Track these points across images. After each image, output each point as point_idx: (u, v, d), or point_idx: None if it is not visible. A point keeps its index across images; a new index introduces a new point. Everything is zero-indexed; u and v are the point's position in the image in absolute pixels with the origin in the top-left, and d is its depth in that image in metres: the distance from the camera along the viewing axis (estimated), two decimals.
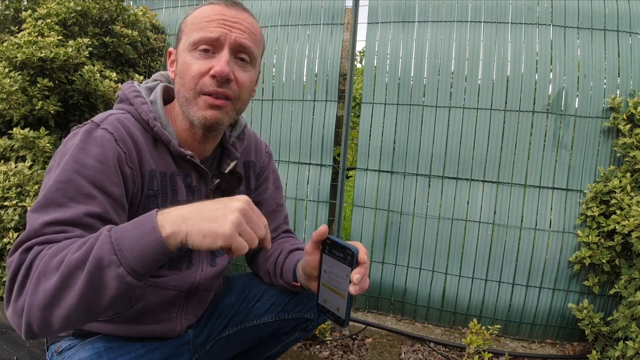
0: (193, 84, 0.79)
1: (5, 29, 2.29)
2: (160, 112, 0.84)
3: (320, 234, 0.77)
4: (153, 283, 0.85)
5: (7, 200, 1.71)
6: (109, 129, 0.76)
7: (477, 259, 1.92)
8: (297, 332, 1.11)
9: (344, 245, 0.73)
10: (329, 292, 0.78)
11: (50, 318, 0.59)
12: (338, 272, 0.75)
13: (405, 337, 1.89)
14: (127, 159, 0.76)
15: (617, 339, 1.56)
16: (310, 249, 0.80)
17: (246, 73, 0.83)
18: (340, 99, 2.11)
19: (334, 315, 0.77)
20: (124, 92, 0.86)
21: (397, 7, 1.98)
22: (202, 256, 0.94)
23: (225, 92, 0.79)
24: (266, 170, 1.10)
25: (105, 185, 0.72)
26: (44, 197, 0.67)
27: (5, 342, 1.60)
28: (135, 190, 0.79)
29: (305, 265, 0.84)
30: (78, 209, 0.67)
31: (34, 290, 0.58)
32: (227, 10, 0.80)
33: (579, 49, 1.79)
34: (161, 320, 0.91)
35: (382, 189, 2.03)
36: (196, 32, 0.79)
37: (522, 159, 1.85)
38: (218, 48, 0.79)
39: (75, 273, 0.57)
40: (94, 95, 1.98)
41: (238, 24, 0.80)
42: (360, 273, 0.70)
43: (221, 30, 0.78)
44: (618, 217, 1.61)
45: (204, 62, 0.79)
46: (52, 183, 0.69)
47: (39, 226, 0.64)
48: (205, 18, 0.80)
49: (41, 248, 0.62)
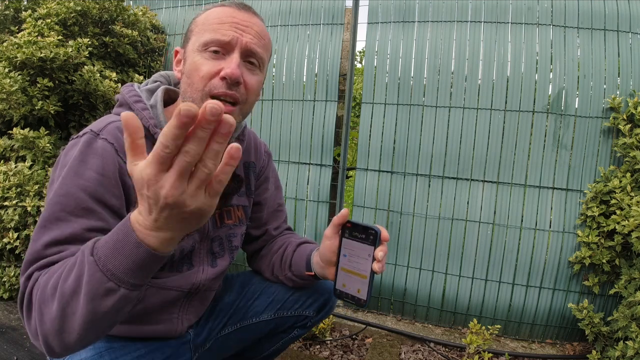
0: (202, 85, 0.78)
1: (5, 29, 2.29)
2: (161, 118, 0.83)
3: (342, 216, 0.82)
4: (154, 284, 0.86)
5: (7, 200, 1.71)
6: (109, 139, 0.75)
7: (477, 259, 1.92)
8: (296, 329, 1.11)
9: (366, 226, 0.79)
10: (349, 275, 0.83)
11: (65, 341, 0.58)
12: (360, 253, 0.80)
13: (405, 337, 1.89)
14: (127, 170, 0.75)
15: (617, 339, 1.56)
16: (330, 233, 0.85)
17: (255, 77, 0.83)
18: (340, 99, 2.11)
19: (353, 298, 0.82)
20: (124, 96, 0.85)
21: (397, 7, 1.98)
22: (202, 257, 0.94)
23: (234, 95, 0.79)
24: (266, 171, 1.10)
25: (105, 197, 0.71)
26: (46, 212, 0.68)
27: (5, 342, 1.60)
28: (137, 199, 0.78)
29: (324, 250, 0.88)
30: (77, 224, 0.67)
31: (41, 320, 0.58)
32: (239, 14, 0.81)
33: (579, 49, 1.79)
34: (162, 321, 0.91)
35: (382, 189, 2.03)
36: (208, 33, 0.79)
37: (522, 159, 1.85)
38: (229, 50, 0.79)
39: (71, 303, 0.56)
40: (94, 95, 1.98)
41: (249, 28, 0.80)
42: (384, 250, 0.76)
43: (233, 33, 0.78)
44: (618, 217, 1.61)
45: (214, 63, 0.78)
46: (52, 197, 0.69)
47: (40, 248, 0.65)
48: (217, 19, 0.79)
49: (39, 275, 0.62)
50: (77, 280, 0.55)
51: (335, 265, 0.85)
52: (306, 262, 0.97)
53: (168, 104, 0.90)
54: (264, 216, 1.11)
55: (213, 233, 0.95)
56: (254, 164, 1.06)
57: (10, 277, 1.77)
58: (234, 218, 1.00)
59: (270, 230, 1.12)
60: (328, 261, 0.87)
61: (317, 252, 0.93)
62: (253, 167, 1.05)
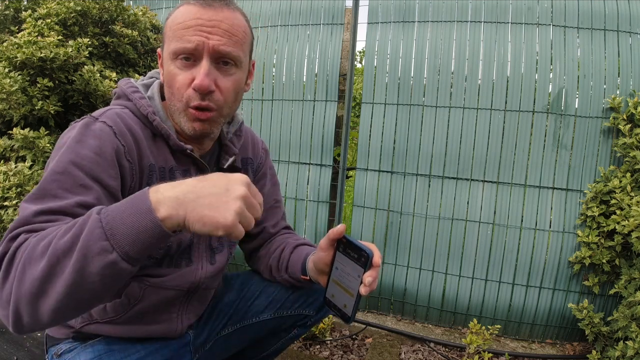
0: (180, 96, 0.78)
1: (5, 29, 2.29)
2: (158, 107, 0.83)
3: (338, 232, 0.79)
4: (153, 284, 0.85)
5: (7, 200, 1.71)
6: (108, 122, 0.75)
7: (477, 259, 1.92)
8: (296, 328, 1.11)
9: (359, 247, 0.75)
10: (338, 288, 0.80)
11: (38, 309, 0.55)
12: (350, 271, 0.77)
13: (405, 337, 1.89)
14: (125, 153, 0.75)
15: (617, 339, 1.56)
16: (325, 245, 0.83)
17: (230, 78, 0.80)
18: (340, 99, 2.11)
19: (340, 311, 0.80)
20: (122, 88, 0.85)
21: (397, 7, 1.98)
22: (201, 253, 0.93)
23: (208, 105, 0.78)
24: (263, 167, 1.10)
25: (101, 177, 0.70)
26: (39, 188, 0.65)
27: (5, 342, 1.60)
28: (133, 184, 0.78)
29: (317, 260, 0.86)
30: (72, 199, 0.65)
31: (20, 280, 0.55)
32: (203, 12, 0.75)
33: (579, 49, 1.79)
34: (161, 321, 0.91)
35: (382, 189, 2.03)
36: (174, 41, 0.77)
37: (522, 159, 1.85)
38: (198, 57, 0.76)
39: (63, 260, 0.54)
40: (94, 95, 1.98)
41: (216, 27, 0.75)
42: (372, 276, 0.72)
43: (198, 38, 0.74)
44: (618, 217, 1.61)
45: (186, 73, 0.77)
46: (48, 174, 0.67)
47: (29, 215, 0.62)
48: (180, 25, 0.76)
49: (27, 236, 0.59)
50: (75, 237, 0.54)
51: (328, 275, 0.83)
52: (302, 266, 0.96)
53: (163, 99, 0.90)
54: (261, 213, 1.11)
55: None
56: (252, 160, 1.06)
57: None
58: None
59: (267, 227, 1.11)
60: (321, 271, 0.86)
61: (313, 256, 0.92)
62: (251, 164, 1.05)
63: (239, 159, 1.01)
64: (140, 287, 0.84)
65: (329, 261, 0.83)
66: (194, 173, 0.88)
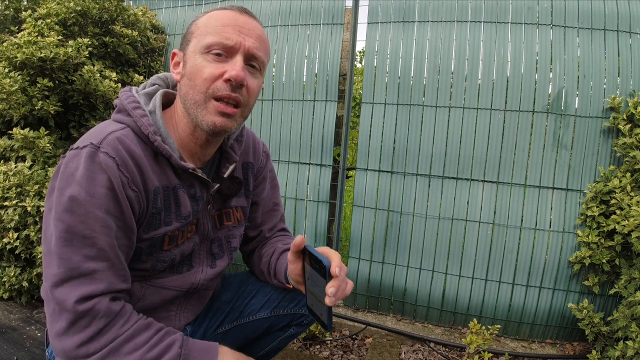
0: (205, 87, 0.78)
1: (5, 29, 2.29)
2: (160, 124, 0.82)
3: (295, 245, 0.80)
4: (154, 284, 0.87)
5: (7, 200, 1.71)
6: (110, 153, 0.74)
7: (477, 259, 1.92)
8: (292, 327, 1.12)
9: (318, 258, 0.74)
10: (313, 297, 0.81)
11: None
12: (317, 282, 0.77)
13: (405, 337, 1.89)
14: (129, 183, 0.76)
15: (617, 339, 1.56)
16: (291, 257, 0.84)
17: (256, 80, 0.84)
18: (340, 99, 2.11)
19: (318, 319, 0.80)
20: (122, 103, 0.84)
21: (397, 7, 1.98)
22: (202, 258, 0.95)
23: (237, 97, 0.79)
24: (264, 171, 1.10)
25: (117, 211, 0.74)
26: (69, 229, 0.71)
27: (5, 342, 1.60)
28: (141, 210, 0.79)
29: (290, 272, 0.88)
30: (103, 241, 0.72)
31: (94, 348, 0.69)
32: (240, 17, 0.81)
33: (579, 49, 1.79)
34: (160, 318, 0.91)
35: (382, 189, 2.03)
36: (210, 35, 0.79)
37: (522, 159, 1.85)
38: (232, 54, 0.79)
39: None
40: (93, 95, 1.98)
41: (251, 32, 0.81)
42: (334, 286, 0.72)
43: (237, 37, 0.79)
44: (618, 217, 1.61)
45: (217, 65, 0.78)
46: (71, 217, 0.71)
47: (75, 265, 0.70)
48: (219, 22, 0.80)
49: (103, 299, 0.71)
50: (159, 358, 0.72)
51: (304, 285, 0.85)
52: (284, 275, 0.97)
53: (166, 107, 0.90)
54: (259, 216, 1.11)
55: (213, 234, 0.96)
56: (252, 164, 1.06)
57: (10, 277, 1.77)
58: (233, 220, 1.00)
59: (264, 231, 1.12)
60: (297, 281, 0.88)
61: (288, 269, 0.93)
62: (251, 168, 1.06)
63: (240, 164, 1.02)
64: (142, 287, 0.86)
65: (299, 272, 0.84)
66: (198, 188, 0.89)
